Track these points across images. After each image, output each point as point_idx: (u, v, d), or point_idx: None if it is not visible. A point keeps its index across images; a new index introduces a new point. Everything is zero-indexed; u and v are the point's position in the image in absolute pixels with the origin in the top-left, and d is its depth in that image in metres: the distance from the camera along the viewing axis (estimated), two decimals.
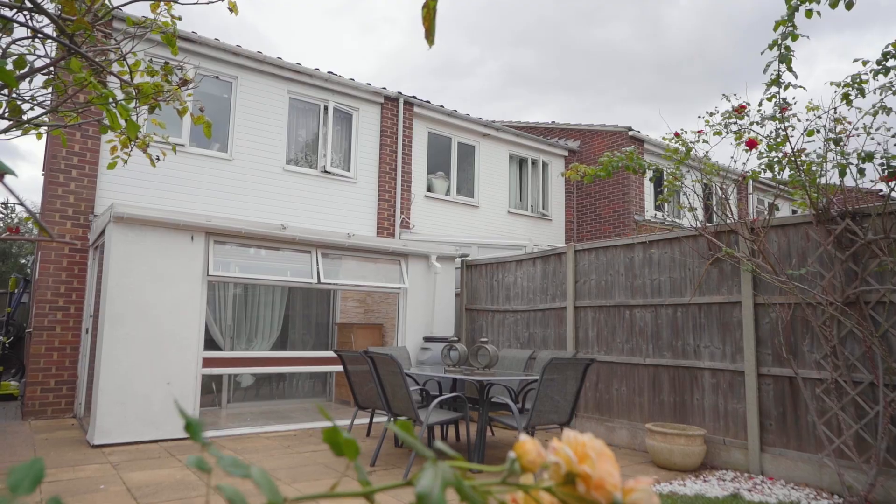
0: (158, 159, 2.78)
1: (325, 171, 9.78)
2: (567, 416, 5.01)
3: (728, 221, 5.38)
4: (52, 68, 2.05)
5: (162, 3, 2.21)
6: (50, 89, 2.79)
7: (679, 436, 5.21)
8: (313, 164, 9.83)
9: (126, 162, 2.70)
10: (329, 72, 9.90)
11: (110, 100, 1.60)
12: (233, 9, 2.19)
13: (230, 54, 8.90)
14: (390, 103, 10.65)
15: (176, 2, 2.10)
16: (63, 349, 7.38)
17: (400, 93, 10.65)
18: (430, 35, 0.95)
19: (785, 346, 5.01)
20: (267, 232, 6.86)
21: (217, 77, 8.89)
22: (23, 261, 27.26)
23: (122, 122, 1.97)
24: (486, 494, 0.47)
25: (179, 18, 2.62)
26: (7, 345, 9.93)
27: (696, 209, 5.69)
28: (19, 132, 2.09)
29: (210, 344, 8.19)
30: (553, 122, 14.14)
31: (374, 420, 6.47)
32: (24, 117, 2.48)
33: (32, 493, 0.48)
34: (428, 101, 11.04)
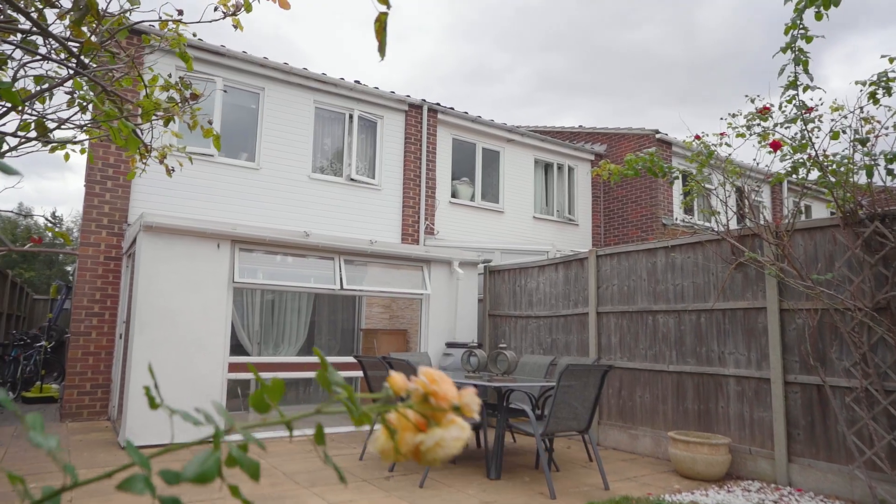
0: (173, 170, 2.88)
1: (351, 179, 9.92)
2: (586, 422, 4.95)
3: (751, 224, 5.26)
4: (75, 88, 2.15)
5: (171, 21, 2.29)
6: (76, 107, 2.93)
7: (702, 444, 5.10)
8: (339, 172, 9.99)
9: (144, 171, 2.81)
10: (356, 81, 10.06)
11: (112, 116, 1.68)
12: (237, 25, 2.27)
13: (257, 66, 9.12)
14: (414, 110, 10.75)
15: (181, 21, 2.19)
16: (98, 354, 7.65)
17: (424, 100, 10.74)
18: (381, 49, 0.98)
19: (812, 353, 4.87)
20: (290, 239, 6.99)
21: (225, 91, 9.12)
22: (67, 268, 28.37)
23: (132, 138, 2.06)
24: (371, 413, 0.68)
25: (194, 35, 2.72)
26: (49, 349, 10.36)
27: (718, 213, 5.58)
28: (39, 146, 2.20)
29: (238, 349, 8.39)
30: (580, 126, 14.04)
31: None
32: (52, 134, 2.61)
33: None
34: (452, 108, 11.11)
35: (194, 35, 2.63)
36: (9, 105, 1.71)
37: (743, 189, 5.49)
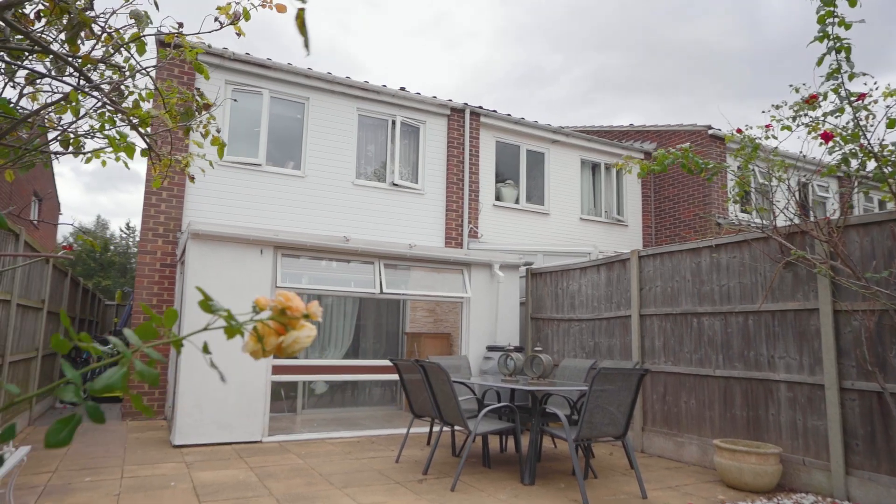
0: (193, 177, 3.00)
1: (394, 184, 10.03)
2: (623, 428, 4.78)
3: (798, 221, 4.96)
4: (71, 99, 2.28)
5: (177, 34, 2.39)
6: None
7: (749, 453, 4.83)
8: (382, 177, 10.13)
9: (166, 180, 2.94)
10: (401, 88, 10.18)
11: (107, 126, 1.77)
12: (240, 33, 2.34)
13: (302, 76, 9.38)
14: (457, 114, 10.77)
15: (181, 34, 2.27)
16: None
17: (466, 104, 10.75)
18: (306, 44, 0.99)
19: (870, 357, 4.53)
20: (331, 244, 7.13)
21: (236, 100, 9.39)
22: None
23: (141, 147, 2.16)
24: (242, 326, 0.90)
25: (209, 45, 2.82)
26: (116, 352, 10.97)
27: (766, 210, 5.29)
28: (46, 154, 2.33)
29: None
30: (630, 124, 13.68)
31: (435, 429, 6.51)
32: (83, 145, 2.78)
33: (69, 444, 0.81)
34: (494, 111, 11.06)
35: (209, 45, 2.72)
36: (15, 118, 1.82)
37: (791, 183, 5.18)
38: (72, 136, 2.24)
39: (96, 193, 60.30)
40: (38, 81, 2.45)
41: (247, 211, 8.76)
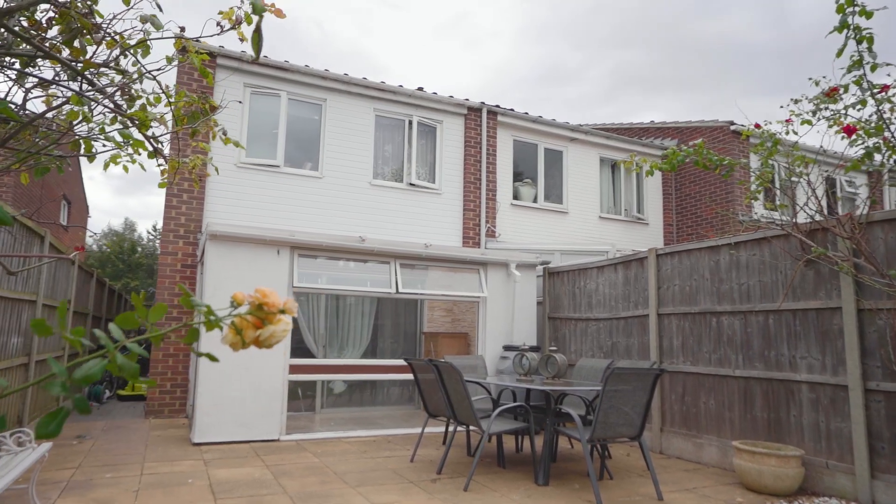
0: (199, 181, 3.04)
1: (411, 184, 10.05)
2: (638, 428, 4.72)
3: (819, 217, 4.83)
4: (72, 102, 2.33)
5: (184, 39, 2.43)
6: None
7: (769, 456, 4.73)
8: (399, 177, 10.15)
9: (174, 181, 2.98)
10: (418, 87, 10.20)
11: (108, 127, 1.80)
12: (243, 39, 2.35)
13: (319, 78, 9.46)
14: (473, 114, 10.75)
15: (185, 38, 2.30)
16: (177, 356, 8.19)
17: (483, 103, 10.72)
18: (256, 51, 1.01)
19: (895, 357, 4.39)
20: (347, 245, 7.17)
21: (240, 102, 9.47)
22: None
23: (144, 145, 2.20)
24: (221, 320, 0.93)
25: (221, 46, 2.85)
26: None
27: (786, 206, 5.17)
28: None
29: (305, 352, 8.70)
30: (650, 121, 13.50)
31: (450, 428, 6.50)
32: (94, 149, 2.83)
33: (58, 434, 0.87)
34: (512, 109, 11.01)
35: (221, 46, 2.75)
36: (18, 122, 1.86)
37: (812, 178, 5.05)
38: (78, 138, 2.28)
39: (125, 196, 61.69)
40: (50, 87, 2.50)
41: (265, 212, 8.85)
